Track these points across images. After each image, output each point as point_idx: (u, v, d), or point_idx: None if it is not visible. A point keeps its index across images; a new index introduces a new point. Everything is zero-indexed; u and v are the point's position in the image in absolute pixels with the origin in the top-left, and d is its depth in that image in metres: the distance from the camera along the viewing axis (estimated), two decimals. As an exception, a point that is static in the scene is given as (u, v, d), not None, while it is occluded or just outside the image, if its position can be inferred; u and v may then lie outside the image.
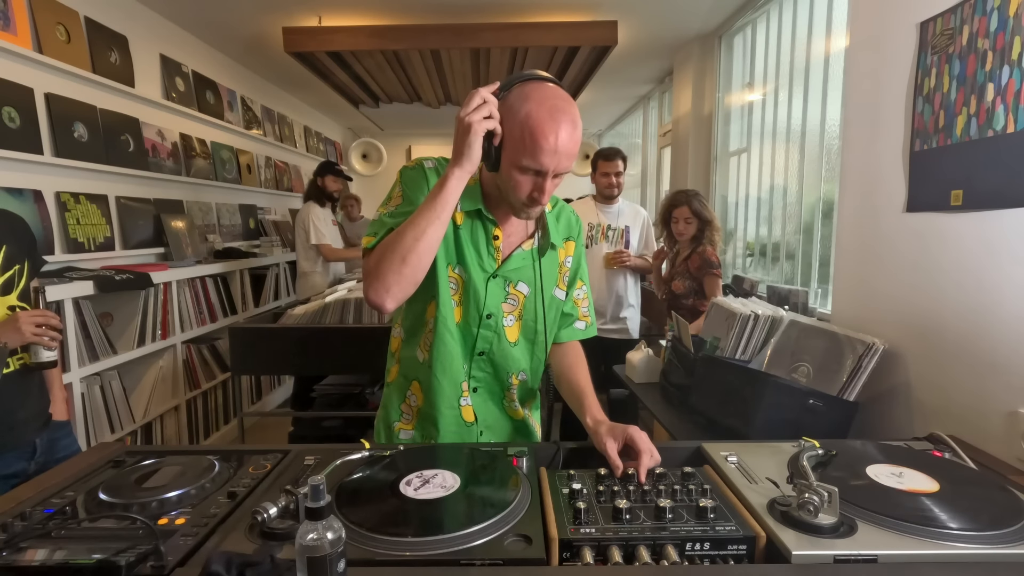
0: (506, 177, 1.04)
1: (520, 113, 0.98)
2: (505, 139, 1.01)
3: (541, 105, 0.97)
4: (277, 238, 4.41)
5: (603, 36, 3.46)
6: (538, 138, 0.97)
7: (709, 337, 1.98)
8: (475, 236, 1.13)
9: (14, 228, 1.46)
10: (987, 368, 1.29)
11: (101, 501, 0.86)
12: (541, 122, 0.97)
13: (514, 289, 1.16)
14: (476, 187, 1.12)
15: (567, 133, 0.98)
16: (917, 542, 0.74)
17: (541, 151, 0.97)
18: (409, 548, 0.73)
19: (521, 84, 1.01)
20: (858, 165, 1.75)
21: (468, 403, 1.19)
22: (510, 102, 1.00)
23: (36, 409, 1.44)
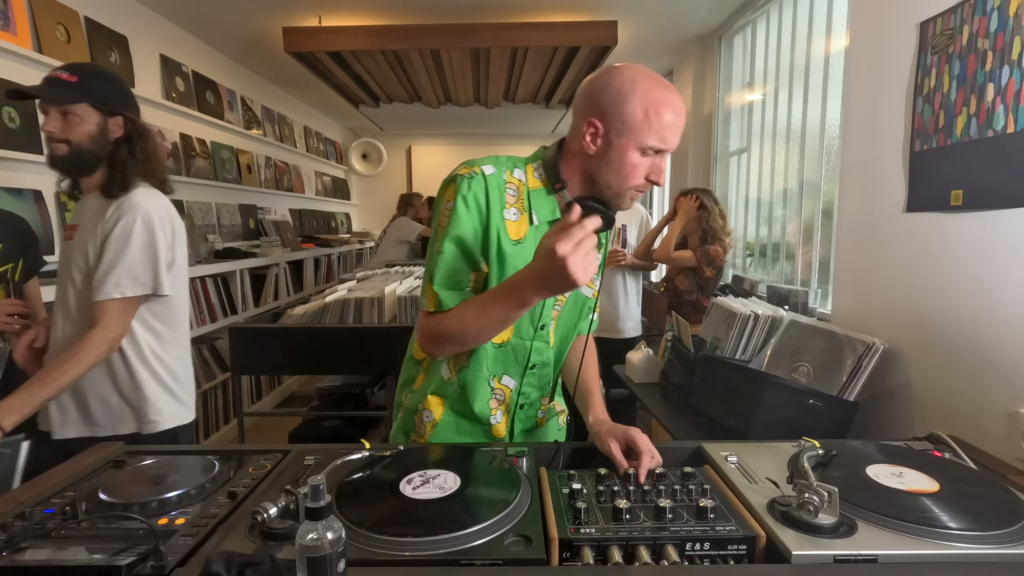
0: (619, 164, 0.99)
1: (636, 95, 0.96)
2: (618, 127, 0.97)
3: (654, 82, 0.97)
4: (277, 238, 4.41)
5: (603, 36, 3.46)
6: (664, 114, 0.95)
7: (709, 337, 1.98)
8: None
9: (12, 227, 1.55)
10: (987, 368, 1.29)
11: (101, 501, 0.86)
12: (666, 98, 0.96)
13: (562, 296, 1.13)
14: (551, 196, 1.06)
15: (681, 101, 0.99)
16: (917, 542, 0.74)
17: (668, 126, 0.96)
18: (409, 548, 0.73)
19: (613, 72, 0.99)
20: (858, 165, 1.75)
21: (498, 421, 1.14)
22: (614, 87, 0.97)
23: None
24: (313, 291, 4.78)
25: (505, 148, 7.55)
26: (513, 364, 1.12)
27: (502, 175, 1.03)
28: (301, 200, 5.66)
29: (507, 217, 1.03)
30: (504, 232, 1.02)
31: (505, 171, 1.04)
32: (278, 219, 4.74)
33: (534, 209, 1.05)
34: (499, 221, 1.02)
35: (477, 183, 1.01)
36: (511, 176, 1.05)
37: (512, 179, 1.04)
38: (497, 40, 3.49)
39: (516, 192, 1.04)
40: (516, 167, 1.06)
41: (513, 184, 1.04)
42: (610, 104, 0.97)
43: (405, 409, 1.19)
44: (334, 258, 5.68)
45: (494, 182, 1.02)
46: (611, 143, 0.99)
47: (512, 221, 1.03)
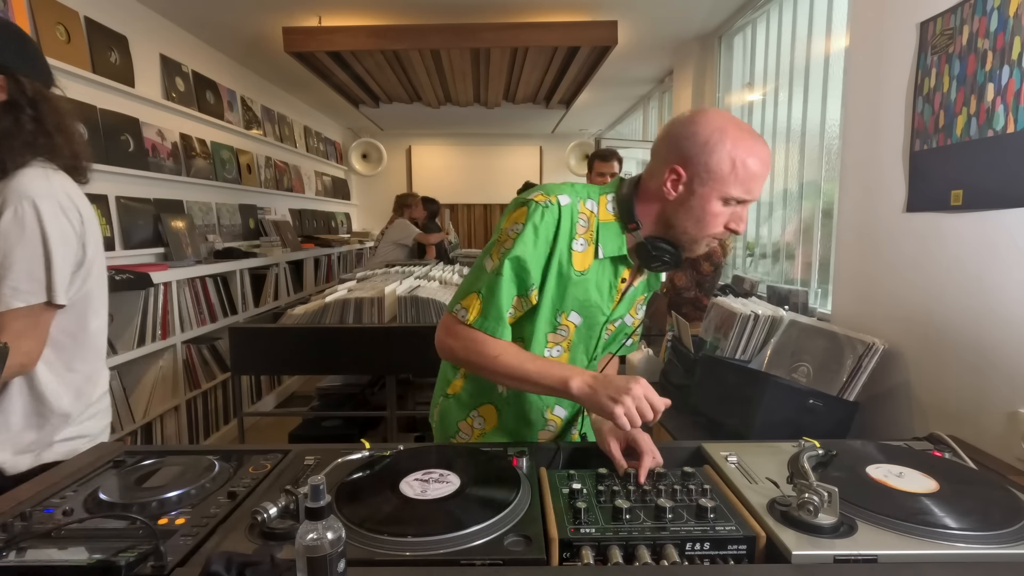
0: (700, 213, 0.98)
1: (724, 145, 0.95)
2: (702, 176, 0.96)
3: (742, 132, 0.96)
4: (277, 238, 4.41)
5: (603, 36, 3.46)
6: (751, 165, 0.95)
7: (709, 337, 1.98)
8: (601, 279, 1.06)
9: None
10: (987, 368, 1.29)
11: (101, 501, 0.86)
12: (752, 149, 0.95)
13: (613, 326, 1.14)
14: (621, 232, 1.04)
15: (768, 151, 0.98)
16: (917, 542, 0.74)
17: (754, 177, 0.96)
18: (409, 548, 0.73)
19: (700, 119, 0.98)
20: (858, 165, 1.75)
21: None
22: (700, 135, 0.96)
23: None
24: (313, 291, 4.79)
25: (505, 148, 7.58)
26: None
27: (576, 205, 1.03)
28: (301, 200, 5.67)
29: (575, 248, 1.02)
30: (569, 261, 1.02)
31: (579, 201, 1.03)
32: (278, 219, 4.74)
33: (601, 242, 1.04)
34: (565, 250, 1.02)
35: (551, 214, 1.00)
36: (583, 206, 1.03)
37: (584, 209, 1.03)
38: (497, 40, 3.49)
39: (586, 223, 1.03)
40: (589, 197, 1.05)
41: (584, 215, 1.03)
42: (696, 153, 0.96)
43: (446, 411, 1.19)
44: (334, 258, 5.68)
45: (567, 213, 1.01)
46: (694, 191, 0.98)
47: (579, 252, 1.03)
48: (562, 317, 1.06)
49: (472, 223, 7.94)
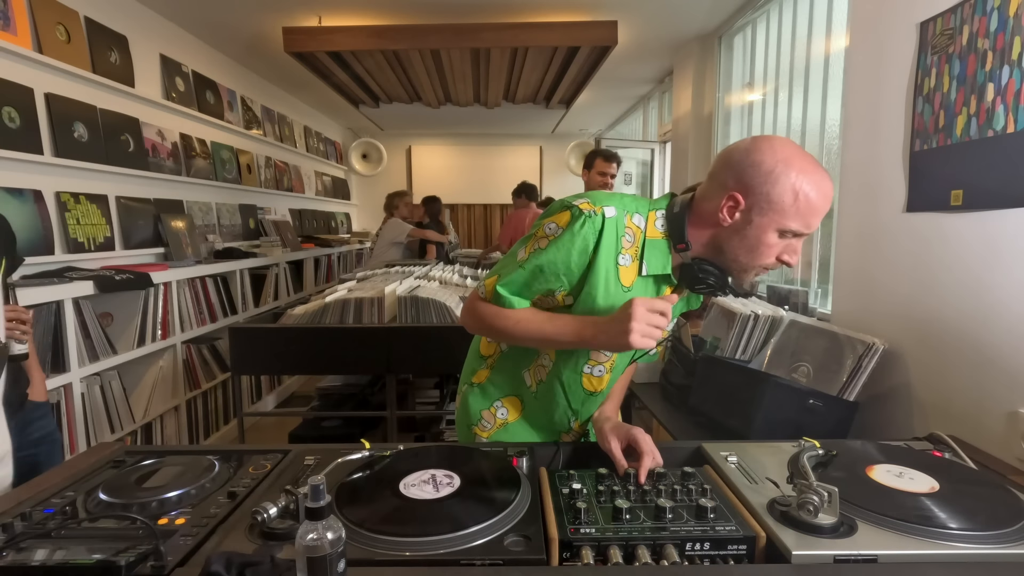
0: (755, 243, 0.96)
1: (789, 176, 0.91)
2: (761, 205, 0.93)
3: (809, 165, 0.92)
4: (277, 238, 4.41)
5: (603, 36, 3.46)
6: (816, 200, 0.91)
7: (709, 337, 1.98)
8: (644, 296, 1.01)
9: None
10: (987, 368, 1.29)
11: (101, 501, 0.86)
12: (819, 184, 0.92)
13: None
14: (668, 251, 1.02)
15: (831, 185, 0.94)
16: (917, 542, 0.74)
17: (815, 212, 0.93)
18: (409, 548, 0.73)
19: (766, 148, 0.94)
20: (858, 165, 1.75)
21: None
22: (765, 165, 0.92)
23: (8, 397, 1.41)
24: (313, 291, 4.79)
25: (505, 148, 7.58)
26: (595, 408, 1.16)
27: (623, 219, 1.01)
28: (301, 200, 5.66)
29: (621, 263, 1.01)
30: (616, 277, 1.01)
31: (626, 215, 1.01)
32: (278, 219, 4.74)
33: (646, 259, 1.02)
34: (611, 265, 1.00)
35: (592, 225, 0.98)
36: (630, 221, 1.01)
37: (631, 224, 1.01)
38: (497, 40, 3.49)
39: (632, 239, 1.01)
40: (638, 212, 1.03)
41: (631, 230, 1.01)
42: (759, 182, 0.92)
43: (468, 401, 1.21)
44: (334, 258, 5.68)
45: (611, 225, 0.99)
46: (751, 220, 0.94)
47: (625, 267, 1.01)
48: None
49: (472, 223, 7.93)
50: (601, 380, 1.13)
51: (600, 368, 1.12)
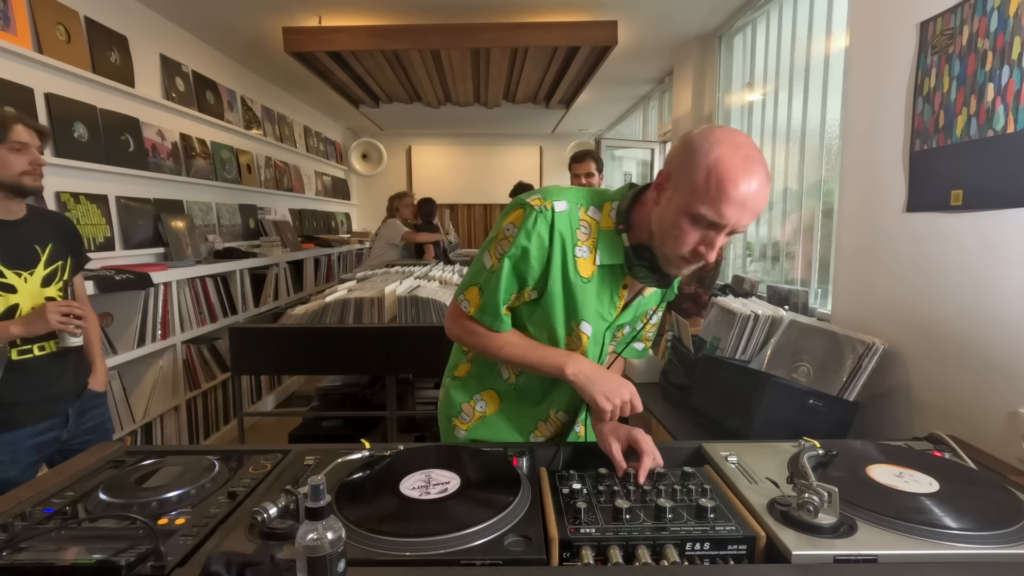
0: (670, 225, 0.93)
1: (708, 155, 0.87)
2: (680, 182, 0.91)
3: (736, 150, 0.87)
4: (277, 238, 4.41)
5: (603, 36, 3.46)
6: (727, 185, 0.85)
7: (709, 337, 1.98)
8: (603, 287, 1.05)
9: (61, 228, 1.69)
10: (987, 368, 1.29)
11: (101, 501, 0.86)
12: (733, 168, 0.86)
13: (620, 332, 1.14)
14: (620, 239, 1.02)
15: (760, 185, 0.87)
16: (917, 542, 0.74)
17: (727, 200, 0.86)
18: (409, 548, 0.73)
19: (708, 128, 0.91)
20: (858, 165, 1.75)
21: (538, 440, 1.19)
22: (693, 144, 0.90)
23: (71, 384, 1.64)
24: (313, 291, 4.79)
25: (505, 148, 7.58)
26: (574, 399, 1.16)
27: (575, 212, 1.02)
28: (301, 200, 5.66)
29: (578, 255, 1.02)
30: (575, 269, 1.02)
31: (580, 208, 1.02)
32: (278, 219, 4.74)
33: (600, 249, 1.03)
34: (568, 258, 1.01)
35: (544, 220, 0.99)
36: (585, 214, 1.03)
37: (586, 217, 1.03)
38: (497, 40, 3.49)
39: (588, 231, 1.03)
40: (592, 204, 1.04)
41: (587, 222, 1.03)
42: (682, 159, 0.91)
43: (450, 394, 1.23)
44: (334, 258, 5.68)
45: (562, 219, 1.00)
46: (670, 200, 0.93)
47: (583, 258, 1.02)
48: (575, 325, 1.06)
49: (472, 223, 7.93)
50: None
51: None
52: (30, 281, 1.55)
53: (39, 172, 1.56)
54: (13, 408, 1.51)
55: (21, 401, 1.52)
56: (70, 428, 1.63)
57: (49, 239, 1.62)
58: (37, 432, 1.55)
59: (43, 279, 1.58)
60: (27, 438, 1.53)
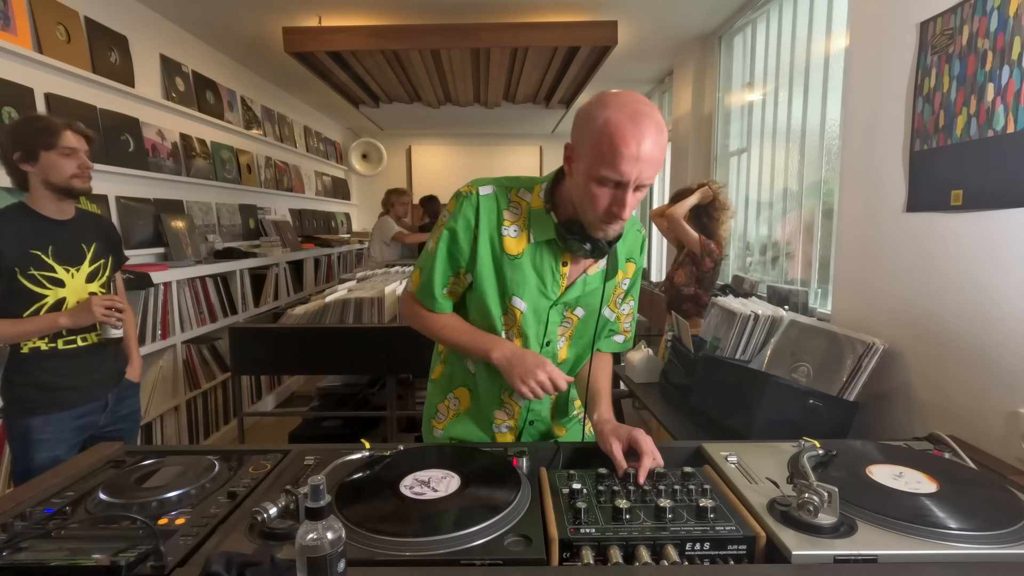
0: (583, 191, 0.97)
1: (598, 120, 0.91)
2: (582, 150, 0.95)
3: (622, 109, 0.90)
4: (277, 238, 4.41)
5: (603, 36, 3.46)
6: (618, 144, 0.89)
7: (709, 337, 1.98)
8: (540, 264, 1.09)
9: (103, 229, 1.83)
10: (987, 368, 1.29)
11: (101, 501, 0.86)
12: (621, 126, 0.89)
13: (571, 314, 1.14)
14: (548, 217, 1.06)
15: (651, 138, 0.90)
16: (917, 542, 0.74)
17: (622, 158, 0.89)
18: (409, 548, 0.73)
19: (597, 95, 0.95)
20: (858, 165, 1.75)
21: (503, 432, 1.19)
22: (585, 112, 0.94)
23: (110, 371, 1.80)
24: (313, 291, 4.78)
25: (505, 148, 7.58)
26: None
27: (504, 195, 1.09)
28: (301, 200, 5.66)
29: (506, 233, 1.08)
30: (501, 247, 1.08)
31: (510, 192, 1.09)
32: (278, 219, 4.74)
33: (532, 228, 1.08)
34: (495, 237, 1.08)
35: (469, 203, 1.08)
36: (516, 196, 1.09)
37: (517, 198, 1.09)
38: (497, 40, 3.49)
39: (519, 211, 1.09)
40: (524, 187, 1.10)
41: (518, 204, 1.09)
42: (579, 128, 0.96)
43: (429, 395, 1.27)
44: (334, 258, 5.68)
45: (487, 202, 1.08)
46: (577, 169, 0.97)
47: (512, 237, 1.08)
48: (508, 301, 1.10)
49: (472, 223, 7.91)
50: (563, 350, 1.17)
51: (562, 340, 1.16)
52: (76, 277, 1.69)
53: (87, 175, 1.70)
54: (61, 392, 1.67)
55: (67, 386, 1.67)
56: (107, 414, 1.78)
57: (93, 239, 1.75)
58: (79, 415, 1.70)
59: (87, 276, 1.72)
60: (71, 420, 1.69)
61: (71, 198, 1.69)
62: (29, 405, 1.63)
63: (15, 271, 1.57)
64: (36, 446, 1.63)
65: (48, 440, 1.64)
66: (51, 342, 1.65)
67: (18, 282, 1.58)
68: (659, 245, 5.01)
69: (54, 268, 1.64)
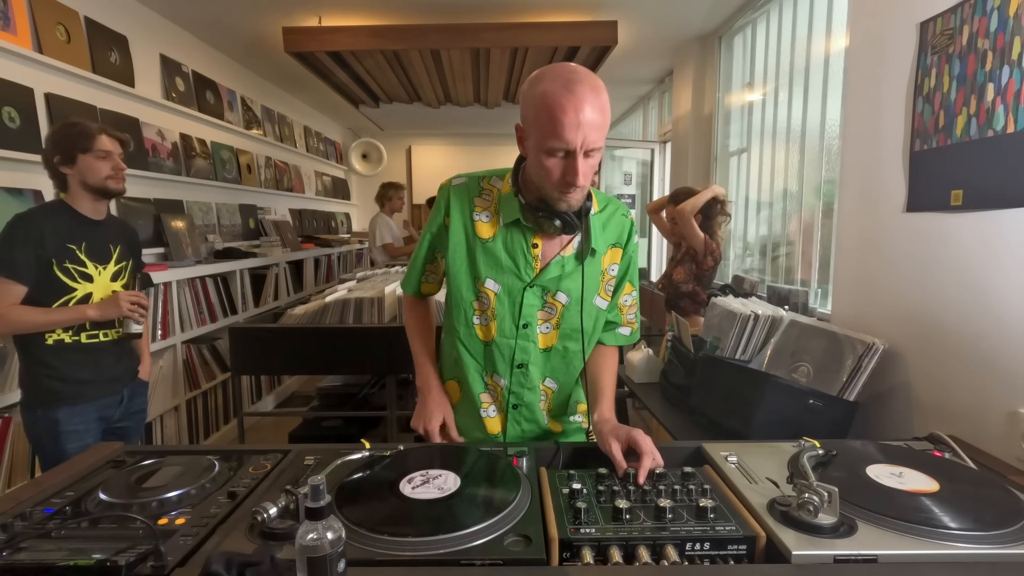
0: (537, 167, 1.01)
1: (536, 94, 0.95)
2: (529, 127, 0.99)
3: (556, 80, 0.94)
4: (277, 238, 4.41)
5: (603, 36, 3.46)
6: (557, 113, 0.92)
7: (709, 337, 1.98)
8: (511, 246, 1.12)
9: (127, 233, 1.93)
10: (987, 368, 1.29)
11: (101, 501, 0.86)
12: (557, 96, 0.92)
13: (552, 299, 1.13)
14: (514, 199, 1.09)
15: (588, 102, 0.92)
16: (917, 542, 0.74)
17: (563, 127, 0.92)
18: (409, 548, 0.73)
19: (534, 73, 0.99)
20: (858, 165, 1.75)
21: (491, 416, 1.19)
22: (525, 90, 0.98)
23: (127, 368, 1.90)
24: (313, 291, 4.78)
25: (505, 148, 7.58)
26: (501, 361, 1.16)
27: (476, 184, 1.15)
28: (301, 200, 5.66)
29: (478, 219, 1.14)
30: (474, 232, 1.13)
31: (482, 181, 1.15)
32: (278, 219, 4.74)
33: (501, 211, 1.12)
34: (468, 223, 1.14)
35: (443, 193, 1.17)
36: (488, 184, 1.15)
37: (488, 186, 1.15)
38: (497, 40, 3.49)
39: (490, 197, 1.14)
40: (496, 176, 1.16)
41: (488, 191, 1.15)
42: (523, 107, 0.99)
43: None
44: (334, 258, 5.68)
45: (458, 190, 1.15)
46: (528, 146, 1.01)
47: (484, 222, 1.14)
48: (479, 285, 1.13)
49: (472, 223, 7.92)
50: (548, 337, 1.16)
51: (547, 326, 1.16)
52: (103, 274, 1.79)
53: (121, 176, 1.80)
54: (86, 384, 1.75)
55: (90, 379, 1.76)
56: (121, 409, 1.87)
57: (119, 241, 1.86)
58: (100, 407, 1.79)
59: (112, 275, 1.82)
60: (94, 411, 1.78)
61: (106, 198, 1.80)
62: (55, 397, 1.70)
63: (52, 262, 1.66)
64: (66, 437, 1.70)
65: (77, 431, 1.72)
66: (75, 335, 1.73)
67: (53, 273, 1.66)
68: (658, 245, 5.01)
69: (86, 263, 1.74)
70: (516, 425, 1.20)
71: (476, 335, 1.16)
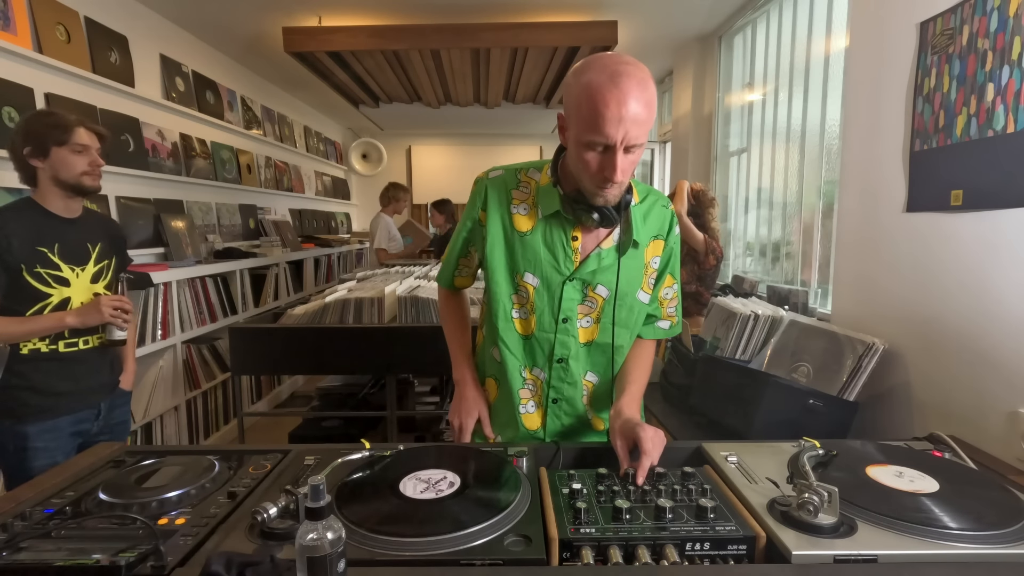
0: (575, 159, 0.98)
1: (579, 85, 0.91)
2: (570, 118, 0.96)
3: (602, 71, 0.89)
4: (277, 238, 4.41)
5: (603, 36, 3.46)
6: (599, 106, 0.89)
7: (709, 337, 1.98)
8: (551, 238, 1.09)
9: (109, 230, 1.81)
10: (987, 368, 1.29)
11: (101, 501, 0.86)
12: (602, 88, 0.88)
13: (593, 292, 1.11)
14: (554, 190, 1.07)
15: (634, 97, 0.88)
16: (917, 542, 0.74)
17: (604, 121, 0.89)
18: (409, 548, 0.73)
19: (578, 63, 0.96)
20: (858, 165, 1.75)
21: (530, 411, 1.18)
22: (569, 80, 0.96)
23: (106, 379, 1.76)
24: (313, 291, 4.78)
25: (505, 148, 7.58)
26: (540, 356, 1.15)
27: (513, 176, 1.13)
28: (301, 200, 5.66)
29: (516, 212, 1.12)
30: (512, 226, 1.12)
31: (519, 173, 1.13)
32: (278, 219, 4.74)
33: (540, 204, 1.10)
34: (505, 216, 1.12)
35: (480, 186, 1.15)
36: (525, 176, 1.13)
37: (526, 179, 1.13)
38: (497, 40, 3.49)
39: (528, 190, 1.12)
40: (534, 168, 1.14)
41: (526, 184, 1.13)
42: (566, 95, 0.98)
43: None
44: (334, 258, 5.68)
45: (495, 183, 1.13)
46: (568, 137, 0.99)
47: (522, 215, 1.12)
48: (518, 278, 1.12)
49: (472, 223, 7.92)
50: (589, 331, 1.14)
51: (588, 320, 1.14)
52: (81, 277, 1.66)
53: (98, 173, 1.66)
54: (58, 397, 1.63)
55: (64, 391, 1.64)
56: (99, 422, 1.74)
57: (99, 239, 1.73)
58: (74, 421, 1.67)
59: (92, 276, 1.69)
60: (67, 426, 1.65)
61: (80, 196, 1.66)
62: (24, 410, 1.58)
63: (21, 268, 1.53)
64: (33, 454, 1.57)
65: (47, 448, 1.59)
66: (52, 344, 1.61)
67: (23, 280, 1.54)
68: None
69: (60, 267, 1.60)
70: (556, 419, 1.18)
71: (515, 329, 1.14)
